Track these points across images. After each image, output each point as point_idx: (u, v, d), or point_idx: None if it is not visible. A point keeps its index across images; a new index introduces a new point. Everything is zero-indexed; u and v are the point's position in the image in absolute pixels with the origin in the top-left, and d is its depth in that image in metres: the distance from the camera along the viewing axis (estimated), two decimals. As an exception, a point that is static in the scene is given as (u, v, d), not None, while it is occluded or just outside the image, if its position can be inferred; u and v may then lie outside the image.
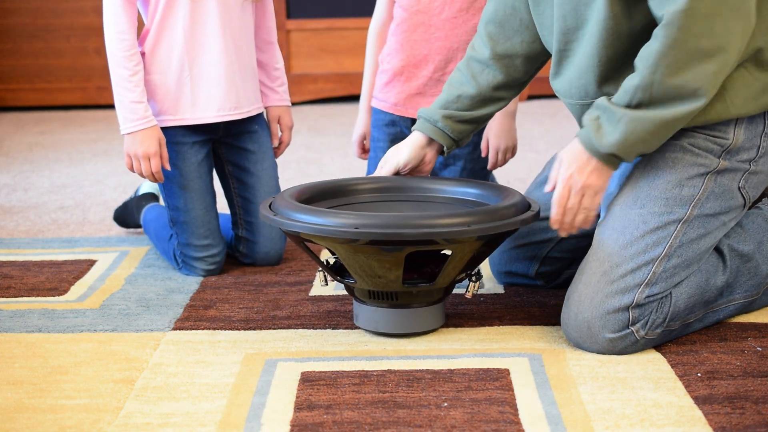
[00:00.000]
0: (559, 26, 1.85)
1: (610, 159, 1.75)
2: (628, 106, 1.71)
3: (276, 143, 2.40)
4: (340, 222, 1.75)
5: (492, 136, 2.40)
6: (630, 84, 1.71)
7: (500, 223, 1.79)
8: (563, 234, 1.82)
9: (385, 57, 2.41)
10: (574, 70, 1.87)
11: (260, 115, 2.36)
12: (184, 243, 2.27)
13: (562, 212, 1.80)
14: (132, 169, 2.20)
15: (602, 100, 1.75)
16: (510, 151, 2.41)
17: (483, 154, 2.41)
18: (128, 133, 2.16)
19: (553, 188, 1.82)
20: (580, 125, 1.94)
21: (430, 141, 2.05)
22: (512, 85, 2.06)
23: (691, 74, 1.68)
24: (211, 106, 2.23)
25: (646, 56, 1.69)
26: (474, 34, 2.33)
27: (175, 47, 2.19)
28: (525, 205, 1.89)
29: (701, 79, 1.68)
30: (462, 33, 2.33)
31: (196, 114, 2.23)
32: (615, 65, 1.81)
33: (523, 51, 2.02)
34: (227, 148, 2.33)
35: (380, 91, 2.42)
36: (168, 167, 2.21)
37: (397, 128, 2.41)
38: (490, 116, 2.08)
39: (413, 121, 2.40)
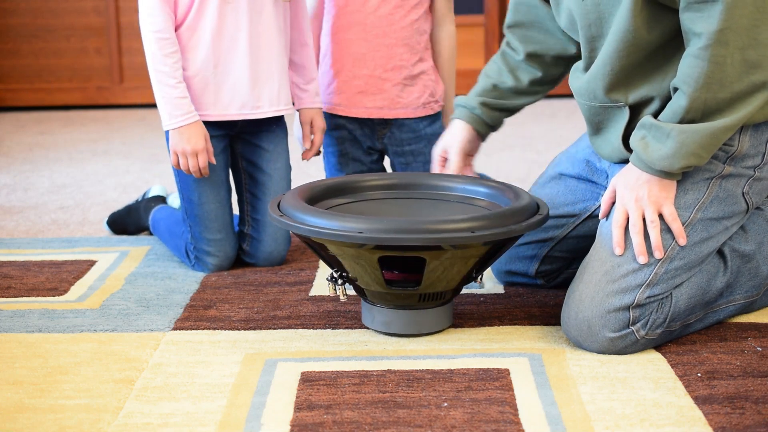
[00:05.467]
0: (585, 33, 1.86)
1: (662, 174, 1.76)
2: (679, 123, 1.73)
3: (308, 145, 2.40)
4: (345, 226, 1.76)
5: None
6: (678, 105, 1.72)
7: (506, 230, 1.78)
8: (643, 260, 1.77)
9: (323, 59, 2.41)
10: (589, 73, 1.88)
11: (281, 116, 2.36)
12: (197, 237, 2.29)
13: (617, 230, 1.79)
14: (178, 167, 2.21)
15: (647, 119, 1.76)
16: None
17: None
18: (174, 129, 2.18)
19: (606, 215, 1.84)
20: (587, 123, 1.95)
21: (467, 127, 2.10)
22: (548, 81, 2.10)
23: (742, 85, 1.69)
24: (233, 104, 2.26)
25: (692, 77, 1.69)
26: (411, 29, 2.34)
27: (203, 45, 2.22)
28: (534, 207, 1.89)
29: (752, 88, 1.70)
30: (399, 29, 2.33)
31: (218, 110, 2.25)
32: (625, 74, 1.82)
33: (555, 52, 2.06)
34: (243, 144, 2.34)
35: (324, 93, 2.42)
36: (214, 161, 2.24)
37: (344, 131, 2.42)
38: (524, 106, 2.12)
39: (359, 120, 2.40)
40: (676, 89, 1.74)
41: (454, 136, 2.11)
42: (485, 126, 2.10)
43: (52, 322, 2.00)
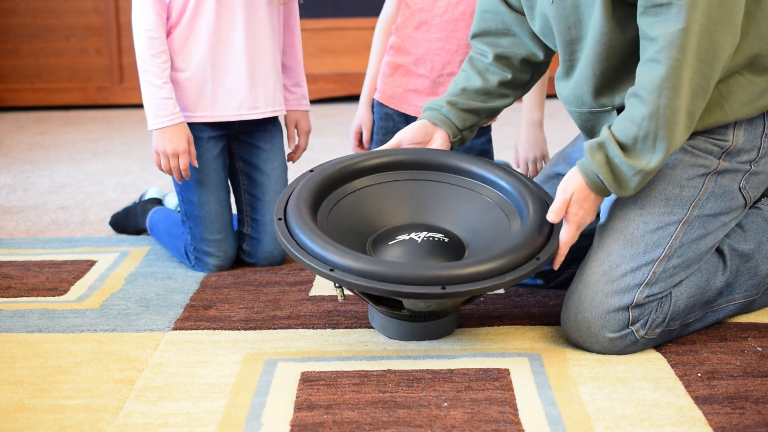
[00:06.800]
0: (563, 38, 1.85)
1: (611, 194, 1.78)
2: (636, 138, 1.70)
3: (292, 147, 2.41)
4: (317, 260, 1.73)
5: (520, 148, 2.41)
6: (637, 114, 1.70)
7: (483, 286, 1.70)
8: (557, 267, 1.80)
9: (390, 49, 2.42)
10: (573, 80, 1.87)
11: (276, 115, 2.37)
12: (198, 238, 2.29)
13: (566, 250, 1.79)
14: (160, 167, 2.22)
15: (612, 147, 1.72)
16: (540, 161, 2.42)
17: (516, 166, 2.41)
18: (157, 129, 2.18)
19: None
20: (580, 129, 1.94)
21: (436, 127, 2.03)
22: (518, 84, 2.05)
23: (688, 93, 1.68)
24: (231, 105, 2.26)
25: (650, 82, 1.68)
26: None
27: (200, 46, 2.22)
28: (538, 243, 1.78)
29: (696, 98, 1.69)
30: (462, 36, 2.33)
31: (216, 112, 2.26)
32: (608, 78, 1.82)
33: (522, 55, 2.02)
34: (240, 144, 2.34)
35: (381, 82, 2.43)
36: (196, 164, 2.24)
37: (390, 122, 2.42)
38: (495, 111, 2.06)
39: (407, 117, 2.40)
40: (629, 97, 1.72)
41: (404, 131, 2.03)
42: (453, 127, 2.02)
43: (52, 322, 2.00)
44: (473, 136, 2.10)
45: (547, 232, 1.80)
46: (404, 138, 2.02)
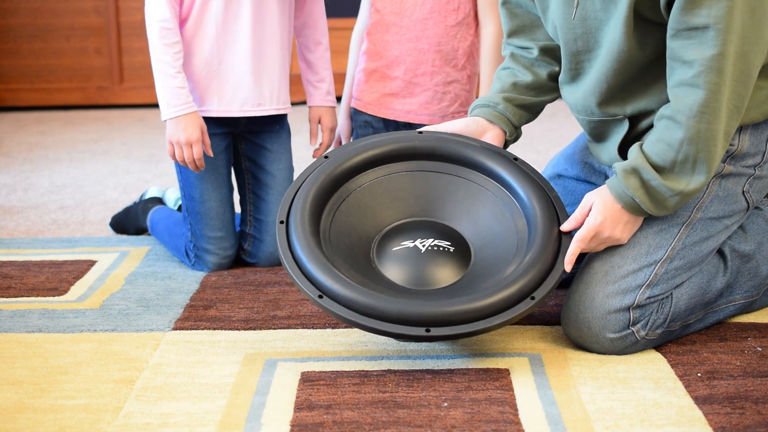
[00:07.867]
0: (569, 48, 1.84)
1: (649, 215, 1.76)
2: (674, 162, 1.69)
3: (314, 144, 2.41)
4: (307, 282, 1.72)
5: None
6: (674, 139, 1.68)
7: (472, 329, 1.68)
8: (569, 269, 1.76)
9: (362, 56, 2.41)
10: (581, 90, 1.86)
11: (284, 115, 2.37)
12: (198, 234, 2.29)
13: (578, 251, 1.76)
14: (174, 157, 2.22)
15: (647, 169, 1.70)
16: None
17: None
18: (171, 119, 2.19)
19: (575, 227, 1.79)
20: (586, 133, 1.93)
21: (491, 125, 1.96)
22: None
23: (725, 114, 1.67)
24: (235, 101, 2.26)
25: (688, 107, 1.66)
26: (446, 36, 2.32)
27: (207, 41, 2.23)
28: (535, 280, 1.73)
29: (732, 118, 1.69)
30: (432, 35, 2.32)
31: (221, 107, 2.26)
32: (620, 89, 1.80)
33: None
34: (247, 143, 2.35)
35: (357, 90, 2.43)
36: (210, 153, 2.24)
37: (370, 129, 2.41)
38: (541, 107, 2.01)
39: (386, 121, 2.40)
40: (661, 119, 1.71)
41: (453, 124, 1.95)
42: (510, 125, 1.96)
43: (52, 322, 2.00)
44: (521, 135, 2.04)
45: (548, 265, 1.76)
46: (448, 129, 1.95)
